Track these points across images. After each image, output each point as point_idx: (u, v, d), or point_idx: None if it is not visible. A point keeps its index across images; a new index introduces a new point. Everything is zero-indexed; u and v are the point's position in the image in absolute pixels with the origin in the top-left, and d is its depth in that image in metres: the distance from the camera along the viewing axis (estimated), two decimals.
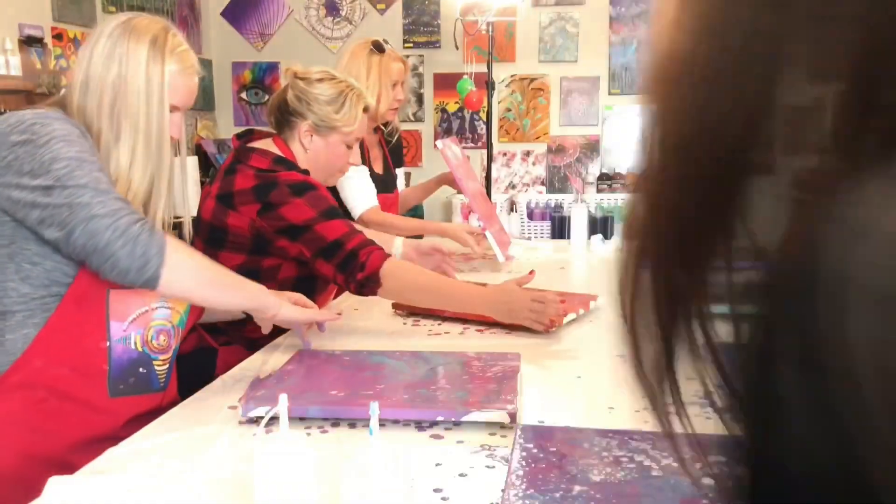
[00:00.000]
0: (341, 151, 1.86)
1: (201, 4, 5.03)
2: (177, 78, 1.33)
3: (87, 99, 1.29)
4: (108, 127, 1.29)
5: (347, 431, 1.16)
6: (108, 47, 1.29)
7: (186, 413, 1.25)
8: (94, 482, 0.98)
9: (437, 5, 5.00)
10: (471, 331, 1.72)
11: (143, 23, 1.32)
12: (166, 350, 1.38)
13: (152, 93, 1.30)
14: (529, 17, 4.84)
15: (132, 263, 1.18)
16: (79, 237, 1.17)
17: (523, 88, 5.03)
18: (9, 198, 1.20)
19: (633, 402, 1.27)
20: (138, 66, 1.29)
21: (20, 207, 1.20)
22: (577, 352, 1.57)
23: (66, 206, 1.17)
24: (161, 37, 1.32)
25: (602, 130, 5.00)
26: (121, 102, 1.29)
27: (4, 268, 1.24)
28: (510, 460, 1.00)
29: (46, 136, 1.20)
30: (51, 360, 1.24)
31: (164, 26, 1.34)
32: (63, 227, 1.17)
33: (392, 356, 1.46)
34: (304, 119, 1.81)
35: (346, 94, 1.82)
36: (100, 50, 1.29)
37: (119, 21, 1.32)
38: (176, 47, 1.33)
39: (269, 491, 0.81)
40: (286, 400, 0.81)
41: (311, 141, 1.83)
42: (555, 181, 5.06)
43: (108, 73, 1.28)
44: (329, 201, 1.75)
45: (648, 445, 1.04)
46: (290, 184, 1.71)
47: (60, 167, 1.18)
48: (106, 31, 1.31)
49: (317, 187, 1.75)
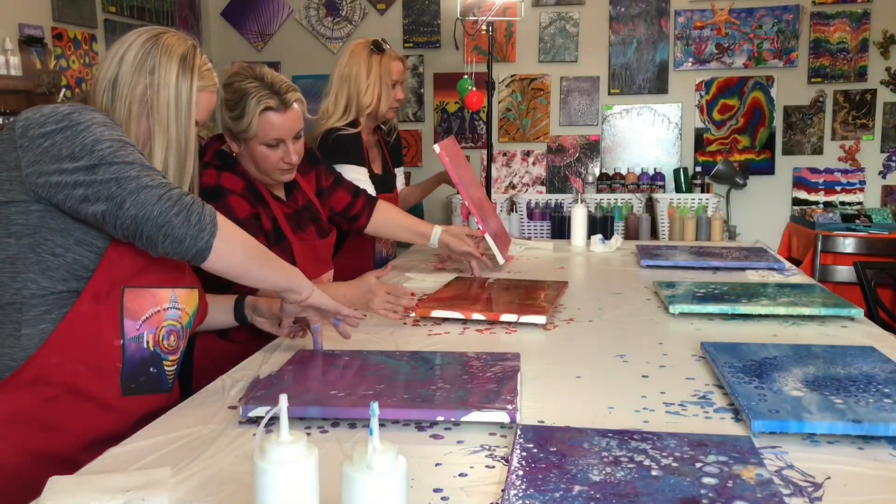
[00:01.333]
0: (262, 152, 1.79)
1: (201, 4, 5.03)
2: (202, 95, 1.39)
3: (114, 103, 1.33)
4: (135, 133, 1.33)
5: (347, 431, 1.16)
6: (139, 57, 1.33)
7: (186, 413, 1.25)
8: (93, 482, 0.98)
9: (437, 5, 5.00)
10: (471, 331, 1.72)
11: (173, 40, 1.37)
12: (175, 351, 1.39)
13: (181, 107, 1.35)
14: (529, 17, 4.84)
15: (188, 231, 1.21)
16: (129, 208, 1.18)
17: (523, 88, 5.03)
18: (46, 183, 1.20)
19: (633, 402, 1.27)
20: (170, 80, 1.34)
21: (60, 189, 1.20)
22: (577, 352, 1.57)
23: (114, 180, 1.19)
24: (190, 54, 1.37)
25: (602, 130, 5.00)
26: (153, 113, 1.33)
27: (25, 258, 1.23)
28: (510, 460, 1.00)
29: (86, 122, 1.22)
30: (66, 357, 1.24)
31: (192, 44, 1.40)
32: (111, 199, 1.19)
33: (392, 356, 1.46)
34: (222, 125, 1.82)
35: (246, 99, 1.74)
36: (130, 59, 1.33)
37: (150, 35, 1.36)
38: (202, 66, 1.39)
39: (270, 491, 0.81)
40: (286, 400, 0.81)
41: (235, 145, 1.82)
42: (555, 181, 5.06)
43: (138, 83, 1.33)
44: (234, 214, 1.72)
45: (648, 445, 1.04)
46: (202, 190, 1.71)
47: (104, 147, 1.20)
48: (137, 42, 1.35)
49: (223, 196, 1.74)
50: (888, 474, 1.00)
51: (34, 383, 1.23)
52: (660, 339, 1.64)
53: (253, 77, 1.77)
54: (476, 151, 5.05)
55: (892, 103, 4.78)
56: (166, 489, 0.96)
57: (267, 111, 1.75)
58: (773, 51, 4.82)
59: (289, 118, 1.78)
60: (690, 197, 4.64)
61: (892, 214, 4.56)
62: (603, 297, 2.02)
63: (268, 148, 1.79)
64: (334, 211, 2.13)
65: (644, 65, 4.92)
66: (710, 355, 1.42)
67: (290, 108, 1.78)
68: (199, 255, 1.24)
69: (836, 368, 1.34)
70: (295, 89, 1.81)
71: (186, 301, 1.39)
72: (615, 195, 4.71)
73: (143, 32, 1.37)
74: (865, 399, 1.18)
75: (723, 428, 1.16)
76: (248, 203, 1.79)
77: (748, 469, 0.97)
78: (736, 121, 4.90)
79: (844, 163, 4.85)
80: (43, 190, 1.21)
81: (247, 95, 1.74)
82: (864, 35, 4.74)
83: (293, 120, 1.80)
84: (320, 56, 5.05)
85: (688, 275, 2.28)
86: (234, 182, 1.79)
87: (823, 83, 4.82)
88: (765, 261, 2.41)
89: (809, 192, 4.83)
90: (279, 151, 1.80)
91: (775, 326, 1.74)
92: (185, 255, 1.24)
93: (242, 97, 1.75)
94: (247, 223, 1.73)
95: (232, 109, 1.77)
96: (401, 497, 0.79)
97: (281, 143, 1.80)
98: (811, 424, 1.10)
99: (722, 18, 4.83)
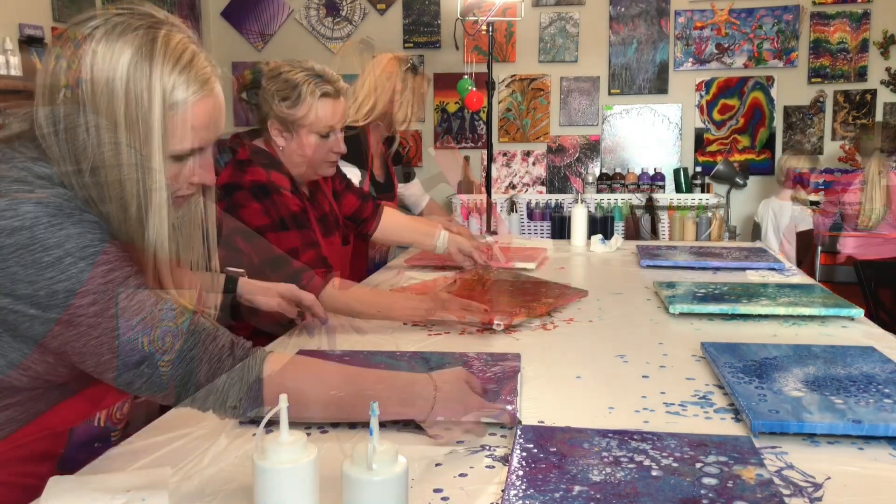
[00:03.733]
0: (314, 142, 1.81)
1: (201, 4, 5.03)
2: (194, 106, 1.17)
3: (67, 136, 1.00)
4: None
5: (347, 431, 1.15)
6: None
7: (186, 413, 1.25)
8: (93, 482, 0.98)
9: (437, 5, 5.00)
10: (471, 331, 1.72)
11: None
12: (170, 351, 1.34)
13: (139, 127, 1.05)
14: (529, 17, 4.84)
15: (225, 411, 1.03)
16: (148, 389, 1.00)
17: (523, 88, 5.03)
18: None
19: (633, 402, 1.27)
20: (115, 71, 1.08)
21: (20, 328, 0.95)
22: (577, 352, 1.57)
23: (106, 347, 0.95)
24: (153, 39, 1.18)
25: (602, 130, 5.00)
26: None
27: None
28: (510, 460, 1.00)
29: (55, 247, 0.91)
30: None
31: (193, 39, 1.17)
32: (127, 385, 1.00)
33: (392, 356, 1.46)
34: (269, 118, 1.79)
35: (300, 86, 1.76)
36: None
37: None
38: (177, 48, 1.26)
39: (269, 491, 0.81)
40: (286, 400, 0.81)
41: (283, 139, 1.81)
42: (555, 181, 5.06)
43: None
44: (289, 208, 1.72)
45: (648, 445, 1.04)
46: (253, 186, 1.71)
47: (86, 304, 0.93)
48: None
49: (279, 191, 1.73)
50: (888, 474, 1.00)
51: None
52: (660, 339, 1.64)
53: (301, 67, 1.79)
54: (476, 151, 5.05)
55: (892, 103, 4.78)
56: (166, 489, 0.96)
57: (324, 97, 1.77)
58: (773, 51, 4.82)
59: (340, 106, 1.82)
60: (690, 197, 4.64)
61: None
62: (603, 297, 2.02)
63: (319, 137, 1.80)
64: (344, 215, 2.11)
65: (644, 65, 4.92)
66: (710, 355, 1.42)
67: (341, 96, 1.82)
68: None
69: (836, 368, 1.33)
70: (341, 79, 1.84)
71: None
72: (615, 195, 4.71)
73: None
74: (865, 399, 1.18)
75: (723, 428, 1.16)
76: (298, 200, 1.80)
77: (748, 469, 0.97)
78: (736, 121, 4.90)
79: (844, 163, 4.85)
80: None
81: (301, 83, 1.76)
82: (864, 35, 4.74)
83: (343, 108, 1.84)
84: (320, 56, 5.05)
85: (688, 275, 2.28)
86: (283, 181, 1.79)
87: (823, 83, 4.82)
88: (765, 261, 2.41)
89: (809, 192, 4.82)
90: (329, 141, 1.82)
91: (775, 326, 1.73)
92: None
93: (297, 85, 1.76)
94: (302, 216, 1.74)
95: (286, 98, 1.76)
96: (401, 497, 0.79)
97: (331, 132, 1.82)
98: (811, 424, 1.10)
99: (722, 18, 4.83)
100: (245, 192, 1.70)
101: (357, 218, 2.14)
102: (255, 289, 1.50)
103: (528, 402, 1.26)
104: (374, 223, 2.17)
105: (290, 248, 1.67)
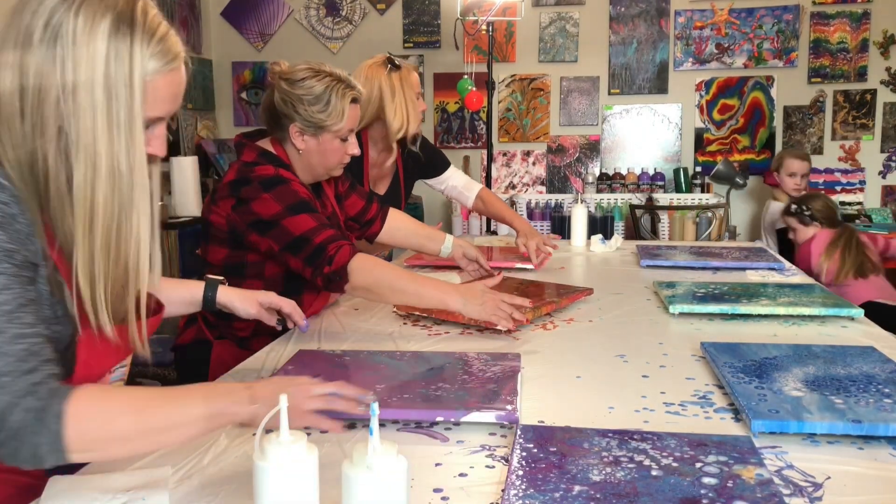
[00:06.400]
0: (335, 147, 1.82)
1: (201, 4, 5.03)
2: (159, 77, 1.04)
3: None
4: (27, 161, 0.99)
5: (347, 431, 1.16)
6: (45, 26, 1.01)
7: None
8: (93, 482, 0.98)
9: (437, 5, 5.00)
10: (471, 331, 1.72)
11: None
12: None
13: (116, 103, 1.01)
14: (529, 17, 4.84)
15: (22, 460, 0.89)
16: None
17: (523, 88, 5.03)
18: None
19: (633, 402, 1.27)
20: (95, 58, 1.00)
21: None
22: (577, 352, 1.57)
23: None
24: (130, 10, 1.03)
25: (602, 130, 5.00)
26: (63, 119, 0.99)
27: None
28: (510, 460, 1.00)
29: None
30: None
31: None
32: None
33: (392, 356, 1.46)
34: (292, 121, 1.78)
35: (331, 90, 1.77)
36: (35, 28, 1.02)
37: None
38: (153, 25, 1.08)
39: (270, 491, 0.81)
40: (286, 400, 0.81)
41: (304, 141, 1.80)
42: (555, 181, 5.06)
43: (38, 69, 0.99)
44: (299, 195, 1.72)
45: (648, 445, 1.04)
46: (262, 179, 1.71)
47: None
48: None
49: (288, 181, 1.73)
50: (888, 474, 1.00)
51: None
52: (660, 339, 1.64)
53: (323, 72, 1.80)
54: (476, 151, 5.05)
55: (892, 103, 4.78)
56: (166, 489, 0.96)
57: (353, 103, 1.81)
58: (773, 51, 4.82)
59: (359, 111, 1.87)
60: (690, 197, 4.64)
61: (892, 214, 4.56)
62: (603, 297, 2.02)
63: (341, 142, 1.82)
64: (348, 216, 2.08)
65: (644, 65, 4.92)
66: (710, 355, 1.42)
67: (360, 101, 1.85)
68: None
69: (836, 368, 1.34)
70: (357, 83, 1.86)
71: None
72: (615, 195, 4.71)
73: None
74: (865, 399, 1.18)
75: (723, 428, 1.16)
76: (307, 190, 1.80)
77: (748, 469, 0.97)
78: (736, 121, 4.90)
79: (844, 163, 4.85)
80: None
81: (329, 89, 1.77)
82: (864, 35, 4.74)
83: (360, 113, 1.89)
84: (320, 56, 5.05)
85: (688, 275, 2.28)
86: (290, 175, 1.78)
87: (823, 83, 4.82)
88: (765, 261, 2.41)
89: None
90: (346, 144, 1.84)
91: (775, 326, 1.74)
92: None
93: (325, 90, 1.77)
94: (311, 203, 1.74)
95: (315, 103, 1.76)
96: (401, 497, 0.79)
97: (350, 134, 1.84)
98: (811, 424, 1.10)
99: (722, 18, 4.83)
100: (254, 185, 1.70)
101: (361, 219, 2.10)
102: (235, 296, 1.49)
103: (528, 402, 1.26)
104: (380, 225, 2.13)
105: (307, 228, 1.67)
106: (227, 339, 1.81)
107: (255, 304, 1.49)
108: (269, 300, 1.51)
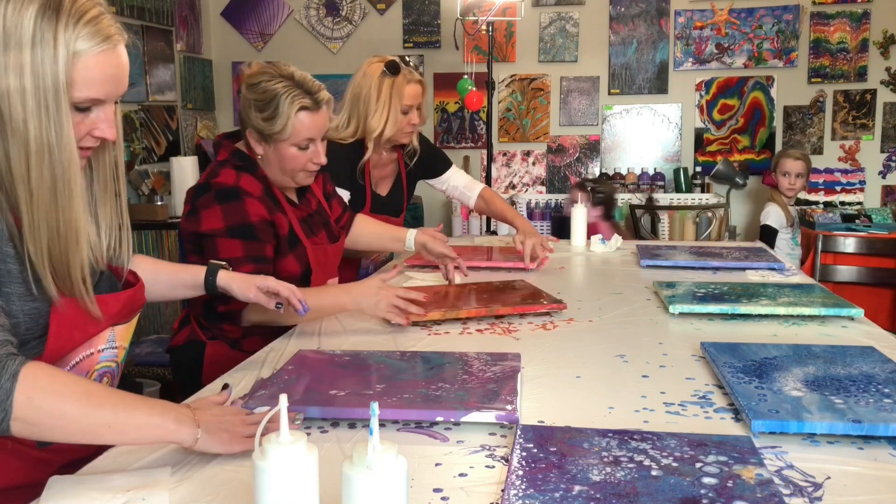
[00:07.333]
0: (292, 154, 1.76)
1: (201, 4, 5.03)
2: (88, 58, 1.08)
3: None
4: None
5: (347, 431, 1.16)
6: None
7: None
8: (93, 482, 0.98)
9: (437, 5, 5.00)
10: (471, 331, 1.72)
11: None
12: None
13: (43, 83, 1.05)
14: (529, 17, 4.84)
15: None
16: None
17: (523, 88, 5.03)
18: None
19: (633, 402, 1.27)
20: (22, 34, 1.05)
21: None
22: (577, 352, 1.57)
23: None
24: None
25: (602, 130, 5.00)
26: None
27: None
28: (510, 460, 1.00)
29: None
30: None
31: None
32: None
33: (392, 356, 1.46)
34: (246, 126, 1.77)
35: (280, 96, 1.71)
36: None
37: None
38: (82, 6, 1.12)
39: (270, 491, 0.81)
40: (286, 400, 0.81)
41: (261, 147, 1.78)
42: (555, 181, 5.06)
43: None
44: (247, 217, 1.69)
45: (648, 445, 1.04)
46: (218, 190, 1.70)
47: None
48: None
49: (242, 199, 1.70)
50: (888, 474, 1.00)
51: None
52: (660, 339, 1.64)
53: (281, 76, 1.73)
54: (476, 151, 5.06)
55: (892, 103, 4.78)
56: (166, 489, 0.96)
57: (302, 111, 1.72)
58: (773, 51, 4.82)
59: (320, 117, 1.77)
60: (690, 197, 4.64)
61: (892, 214, 4.56)
62: (603, 297, 2.02)
63: (298, 149, 1.76)
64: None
65: (644, 65, 4.92)
66: (710, 355, 1.42)
67: (321, 108, 1.76)
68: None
69: (836, 368, 1.34)
70: (323, 88, 1.79)
71: (124, 336, 1.22)
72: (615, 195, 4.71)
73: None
74: (865, 399, 1.18)
75: (723, 428, 1.16)
76: (265, 208, 1.75)
77: (748, 469, 0.97)
78: (736, 121, 4.90)
79: (844, 163, 4.85)
80: None
81: (279, 95, 1.71)
82: (864, 35, 4.75)
83: (324, 119, 1.78)
84: (320, 56, 5.05)
85: (688, 275, 2.28)
86: (254, 185, 1.75)
87: (823, 83, 4.82)
88: (765, 261, 2.41)
89: (809, 192, 4.82)
90: (308, 152, 1.78)
91: (775, 326, 1.73)
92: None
93: (274, 97, 1.71)
94: (259, 227, 1.71)
95: (263, 110, 1.72)
96: (401, 497, 0.79)
97: (311, 143, 1.78)
98: (811, 424, 1.10)
99: (722, 18, 4.83)
100: (210, 195, 1.71)
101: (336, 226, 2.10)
102: (233, 280, 1.50)
103: (528, 402, 1.26)
104: (345, 234, 2.11)
105: (230, 256, 1.65)
106: (219, 339, 1.81)
107: (253, 288, 1.50)
108: (267, 284, 1.51)
